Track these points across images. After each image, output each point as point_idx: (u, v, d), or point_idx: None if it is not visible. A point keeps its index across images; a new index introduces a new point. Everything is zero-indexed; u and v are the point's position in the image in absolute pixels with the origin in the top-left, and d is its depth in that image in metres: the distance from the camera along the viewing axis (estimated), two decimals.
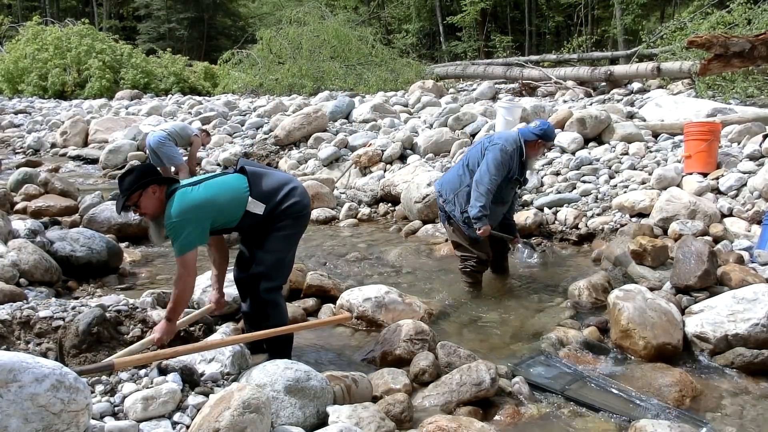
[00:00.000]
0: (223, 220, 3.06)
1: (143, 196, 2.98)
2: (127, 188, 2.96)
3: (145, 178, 2.97)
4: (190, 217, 2.89)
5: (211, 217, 2.97)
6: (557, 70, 14.98)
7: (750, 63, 7.46)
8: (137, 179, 2.96)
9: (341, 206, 7.54)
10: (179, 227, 2.87)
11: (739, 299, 3.61)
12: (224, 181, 3.16)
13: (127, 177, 3.00)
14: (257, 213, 3.09)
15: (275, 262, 3.19)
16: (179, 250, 2.89)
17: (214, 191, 3.05)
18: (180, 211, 2.89)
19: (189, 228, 2.89)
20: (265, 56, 18.81)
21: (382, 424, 2.56)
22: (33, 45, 21.66)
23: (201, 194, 3.00)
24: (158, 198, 2.99)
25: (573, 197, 6.67)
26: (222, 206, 3.02)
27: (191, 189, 3.02)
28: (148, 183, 2.97)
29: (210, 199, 2.99)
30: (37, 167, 9.08)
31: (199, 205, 2.95)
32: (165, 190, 3.02)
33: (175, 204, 2.92)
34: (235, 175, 3.20)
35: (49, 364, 2.03)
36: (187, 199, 2.95)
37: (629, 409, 3.00)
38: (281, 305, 3.30)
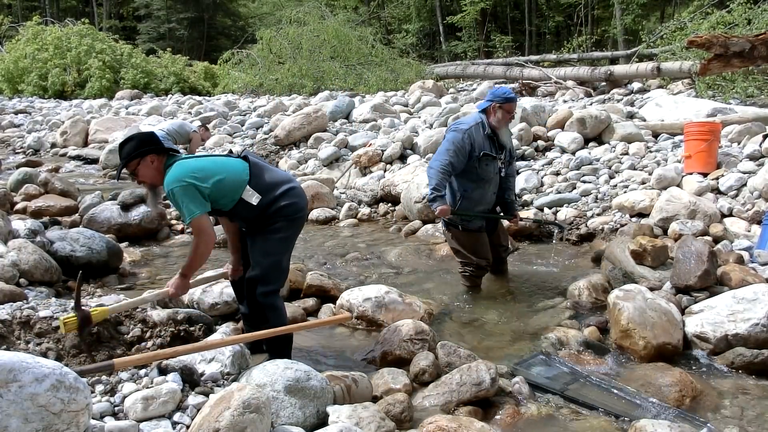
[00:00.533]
0: (218, 197, 3.04)
1: (141, 165, 3.02)
2: (125, 155, 3.01)
3: (144, 147, 3.01)
4: (188, 183, 2.91)
5: (209, 188, 2.97)
6: (557, 70, 14.99)
7: (750, 63, 7.45)
8: (136, 147, 3.00)
9: (341, 206, 7.54)
10: (179, 193, 2.90)
11: (739, 299, 3.60)
12: (226, 160, 3.19)
13: (127, 144, 3.04)
14: (251, 203, 3.08)
15: (271, 266, 3.18)
16: (188, 214, 2.92)
17: (213, 164, 3.09)
18: (178, 177, 2.92)
19: (189, 193, 2.91)
20: (265, 56, 18.82)
21: (382, 424, 2.56)
22: (33, 45, 21.68)
23: (200, 163, 3.05)
24: (156, 168, 3.03)
25: (573, 197, 6.67)
26: (220, 182, 3.02)
27: (191, 160, 3.08)
28: (146, 152, 3.01)
29: (208, 169, 3.02)
30: (37, 167, 9.08)
31: (198, 171, 2.97)
32: (164, 161, 3.05)
33: (173, 171, 2.95)
34: (238, 160, 3.21)
35: (49, 364, 2.03)
36: (185, 166, 2.99)
37: (629, 409, 3.00)
38: (279, 308, 3.29)
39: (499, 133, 4.40)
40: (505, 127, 4.41)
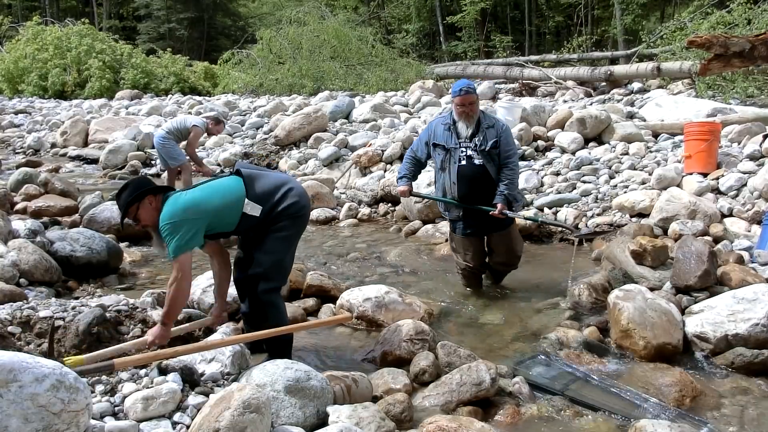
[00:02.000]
0: (220, 223, 3.06)
1: (141, 209, 3.02)
2: (124, 203, 3.01)
3: (140, 190, 3.00)
4: (183, 218, 2.90)
5: (205, 219, 2.97)
6: (557, 70, 14.99)
7: (750, 63, 7.44)
8: (132, 192, 3.00)
9: (341, 206, 7.54)
10: (172, 229, 2.88)
11: (739, 299, 3.60)
12: (219, 184, 3.18)
13: (123, 193, 3.04)
14: (254, 215, 3.09)
15: (273, 263, 3.19)
16: (173, 251, 2.88)
17: (208, 193, 3.07)
18: (172, 213, 2.91)
19: (183, 229, 2.88)
20: (265, 56, 18.82)
21: (382, 424, 2.56)
22: (33, 45, 21.67)
23: (194, 196, 3.03)
24: (155, 208, 3.01)
25: (573, 197, 6.67)
26: (217, 209, 3.02)
27: (184, 193, 3.06)
28: (143, 195, 3.00)
29: (204, 201, 3.01)
30: (37, 167, 9.08)
31: (192, 206, 2.96)
32: (161, 199, 3.03)
33: (168, 207, 2.94)
34: (232, 177, 3.21)
35: (49, 364, 2.03)
36: (180, 201, 2.97)
37: (629, 409, 3.00)
38: (280, 306, 3.30)
39: (457, 124, 4.46)
40: (463, 119, 4.41)
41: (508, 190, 4.41)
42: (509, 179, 4.41)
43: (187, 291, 3.01)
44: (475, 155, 4.41)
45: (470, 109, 4.39)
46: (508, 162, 4.41)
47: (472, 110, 4.40)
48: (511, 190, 4.43)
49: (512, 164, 4.43)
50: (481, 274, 4.76)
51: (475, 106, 4.44)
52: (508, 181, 4.41)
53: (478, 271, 4.71)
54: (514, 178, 4.48)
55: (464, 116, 4.41)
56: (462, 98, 4.37)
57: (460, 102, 4.38)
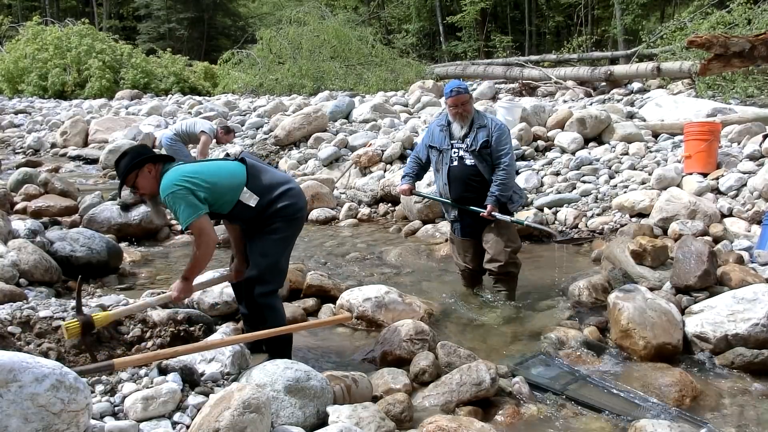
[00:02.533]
0: (216, 200, 3.04)
1: (140, 176, 3.03)
2: (123, 170, 3.02)
3: (139, 158, 3.02)
4: (184, 186, 2.92)
5: (204, 190, 2.97)
6: (557, 70, 14.99)
7: (750, 63, 7.44)
8: (132, 159, 3.01)
9: (341, 206, 7.55)
10: (176, 197, 2.90)
11: (739, 299, 3.60)
12: (222, 164, 3.21)
13: (123, 159, 3.05)
14: (250, 205, 3.09)
15: (269, 266, 3.18)
16: (186, 218, 2.91)
17: (209, 168, 3.11)
18: (173, 181, 2.93)
19: (186, 197, 2.91)
20: (265, 56, 18.82)
21: (382, 424, 2.56)
22: (33, 45, 21.66)
23: (195, 168, 3.07)
24: (154, 176, 3.03)
25: (573, 197, 6.67)
26: (215, 184, 3.03)
27: (186, 165, 3.09)
28: (143, 162, 3.02)
29: (203, 173, 3.03)
30: (37, 167, 9.07)
31: (192, 175, 2.98)
32: (160, 169, 3.05)
33: (168, 177, 2.96)
34: (235, 162, 3.22)
35: (49, 364, 2.03)
36: (179, 171, 3.00)
37: (629, 409, 3.00)
38: (277, 308, 3.29)
39: (451, 125, 4.45)
40: (457, 120, 4.38)
41: (500, 191, 4.34)
42: (500, 180, 4.34)
43: (212, 248, 3.03)
44: (467, 156, 4.39)
45: (463, 110, 4.37)
46: (499, 162, 4.34)
47: (465, 110, 4.37)
48: (503, 192, 4.35)
49: (504, 165, 4.33)
50: (481, 276, 4.73)
51: (469, 106, 4.41)
52: (499, 182, 4.34)
53: (477, 272, 4.69)
54: (507, 180, 4.37)
55: (458, 117, 4.39)
56: (454, 99, 4.35)
57: (452, 103, 4.37)
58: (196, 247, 3.00)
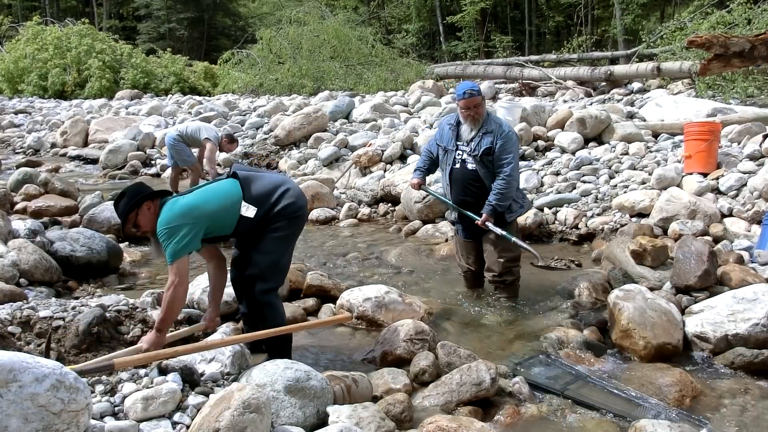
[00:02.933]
0: (217, 226, 3.05)
1: (140, 215, 3.00)
2: (123, 211, 3.00)
3: (137, 197, 2.99)
4: (180, 223, 2.89)
5: (203, 223, 2.96)
6: (557, 70, 14.99)
7: (750, 63, 7.45)
8: (130, 200, 2.99)
9: (341, 206, 7.54)
10: (170, 233, 2.87)
11: (739, 299, 3.60)
12: (216, 187, 3.17)
13: (121, 200, 3.03)
14: (249, 216, 3.08)
15: (270, 264, 3.19)
16: (171, 256, 2.87)
17: (204, 197, 3.06)
18: (170, 217, 2.90)
19: (180, 233, 2.87)
20: (265, 56, 18.82)
21: (382, 424, 2.56)
22: (33, 45, 21.68)
23: (191, 200, 3.02)
24: (153, 213, 3.00)
25: (573, 197, 6.67)
26: (214, 212, 3.02)
27: (182, 197, 3.05)
28: (141, 201, 2.99)
29: (200, 205, 3.00)
30: (37, 167, 9.08)
31: (189, 210, 2.95)
32: (158, 203, 3.02)
33: (165, 212, 2.93)
34: (228, 180, 3.20)
35: (49, 364, 2.03)
36: (177, 206, 2.96)
37: (629, 409, 3.00)
38: (277, 306, 3.29)
39: (461, 126, 4.36)
40: (468, 122, 4.28)
41: (497, 201, 4.22)
42: (498, 190, 4.21)
43: (183, 297, 2.98)
44: (470, 160, 4.30)
45: (475, 112, 4.25)
46: (500, 171, 4.21)
47: (477, 113, 4.25)
48: (500, 201, 4.23)
49: (504, 174, 4.20)
50: (482, 277, 4.67)
51: (481, 109, 4.28)
52: (497, 192, 4.22)
53: (479, 274, 4.64)
54: (506, 190, 4.22)
55: (469, 119, 4.28)
56: (466, 101, 4.23)
57: (464, 105, 4.24)
58: (167, 289, 2.89)
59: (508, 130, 4.31)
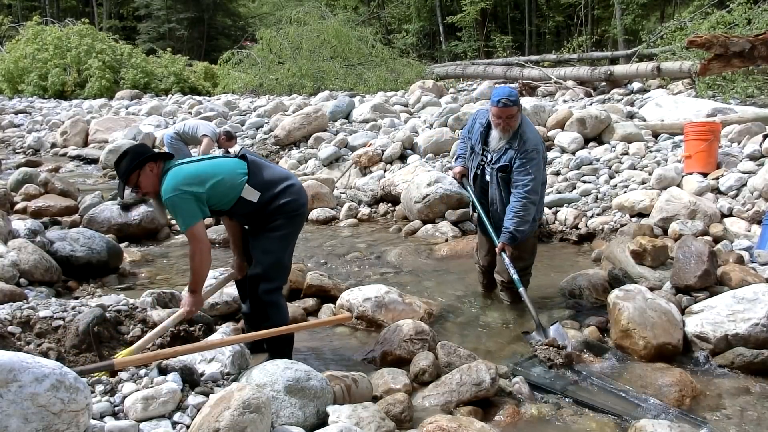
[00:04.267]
0: (217, 199, 3.05)
1: (142, 176, 3.02)
2: (124, 171, 3.01)
3: (140, 157, 3.01)
4: (186, 189, 2.92)
5: (206, 191, 2.98)
6: (557, 70, 14.99)
7: (750, 63, 7.45)
8: (132, 160, 3.00)
9: (341, 206, 7.54)
10: (177, 201, 2.91)
11: (739, 299, 3.60)
12: (222, 161, 3.20)
13: (123, 160, 3.04)
14: (251, 200, 3.09)
15: (273, 263, 3.19)
16: (183, 224, 2.93)
17: (209, 167, 3.09)
18: (175, 184, 2.92)
19: (187, 200, 2.91)
20: (265, 56, 18.82)
21: (382, 424, 2.56)
22: (33, 45, 21.67)
23: (195, 167, 3.06)
24: (156, 174, 3.03)
25: (573, 197, 6.67)
26: (217, 184, 3.02)
27: (185, 165, 3.07)
28: (144, 161, 3.01)
29: (204, 172, 3.03)
30: (37, 167, 9.07)
31: (194, 176, 2.98)
32: (161, 166, 3.05)
33: (169, 179, 2.95)
34: (235, 159, 3.22)
35: (49, 364, 2.03)
36: (182, 173, 2.98)
37: (629, 409, 3.00)
38: (282, 306, 3.30)
39: (491, 131, 4.09)
40: (497, 130, 3.99)
41: (515, 226, 3.91)
42: (514, 213, 3.90)
43: (208, 257, 3.03)
44: (487, 170, 4.09)
45: (507, 123, 3.91)
46: (515, 192, 3.90)
47: (509, 125, 3.92)
48: (519, 226, 3.91)
49: (520, 195, 3.88)
50: (493, 277, 4.52)
51: (514, 121, 3.93)
52: (513, 215, 3.90)
53: (489, 271, 4.53)
54: (522, 212, 3.90)
55: (500, 128, 3.97)
56: (499, 110, 3.88)
57: (496, 114, 3.91)
58: (191, 255, 3.00)
59: (532, 147, 3.94)
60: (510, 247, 4.00)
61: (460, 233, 6.36)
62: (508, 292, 4.37)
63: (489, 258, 4.47)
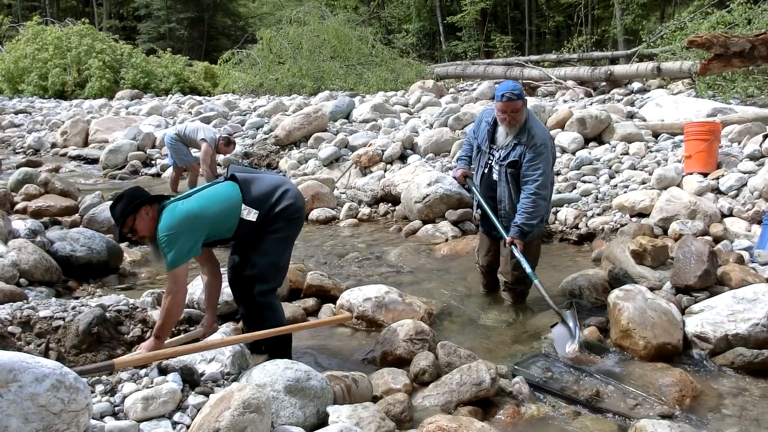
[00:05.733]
0: (218, 231, 3.05)
1: (137, 220, 2.97)
2: (119, 216, 2.95)
3: (135, 201, 2.96)
4: (180, 230, 2.88)
5: (203, 229, 2.96)
6: (557, 70, 14.99)
7: (750, 63, 7.46)
8: (127, 204, 2.95)
9: (341, 206, 7.54)
10: (170, 240, 2.86)
11: (739, 299, 3.60)
12: (215, 191, 3.14)
13: (118, 204, 2.98)
14: (251, 220, 3.08)
15: (269, 265, 3.19)
16: (170, 263, 2.87)
17: (204, 202, 3.04)
18: (170, 224, 2.89)
19: (180, 240, 2.87)
20: (265, 56, 18.82)
21: (382, 424, 2.56)
22: (33, 45, 21.66)
23: (191, 206, 2.99)
24: (152, 218, 2.97)
25: (573, 197, 6.67)
26: (214, 216, 3.00)
27: (181, 203, 3.02)
28: (139, 205, 2.96)
29: (201, 211, 2.98)
30: (37, 167, 9.08)
31: (189, 216, 2.93)
32: (156, 208, 3.00)
33: (165, 219, 2.91)
34: (226, 183, 3.18)
35: (49, 364, 2.03)
36: (177, 212, 2.93)
37: (629, 409, 3.00)
38: (277, 308, 3.29)
39: (498, 128, 4.08)
40: (504, 126, 3.99)
41: (524, 221, 3.89)
42: (524, 209, 3.89)
43: (182, 304, 2.99)
44: (495, 168, 4.06)
45: (512, 118, 3.90)
46: (525, 188, 3.90)
47: (515, 119, 3.91)
48: (528, 221, 3.90)
49: (529, 192, 3.87)
50: (494, 278, 4.51)
51: (519, 115, 3.92)
52: (522, 211, 3.89)
53: (489, 272, 4.52)
54: (533, 208, 3.89)
55: (505, 123, 3.96)
56: (504, 104, 3.87)
57: (501, 108, 3.90)
58: (165, 296, 2.92)
59: (540, 142, 3.93)
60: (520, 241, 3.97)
61: (460, 233, 6.36)
62: (511, 292, 4.37)
63: (489, 258, 4.46)
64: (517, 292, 4.36)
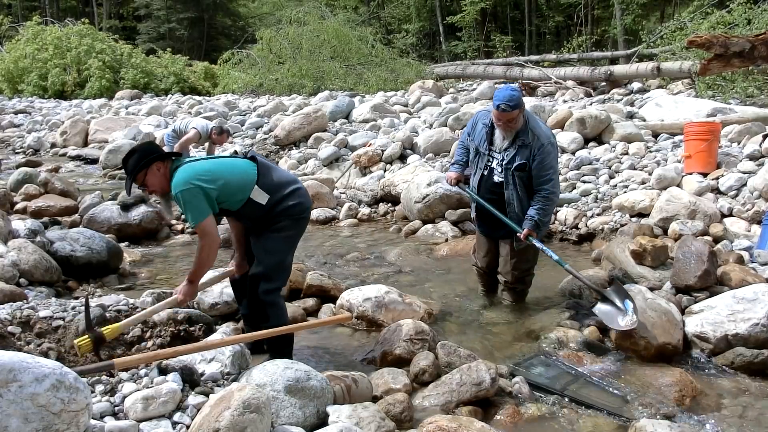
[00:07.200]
0: (226, 198, 3.06)
1: (148, 174, 3.04)
2: (131, 169, 3.03)
3: (148, 156, 3.02)
4: (196, 185, 2.93)
5: (217, 188, 2.99)
6: (557, 70, 15.00)
7: (750, 63, 7.47)
8: (140, 159, 3.02)
9: (341, 206, 7.54)
10: (187, 196, 2.92)
11: (739, 299, 3.60)
12: (233, 161, 3.23)
13: (131, 158, 3.05)
14: (260, 203, 3.10)
15: (276, 264, 3.20)
16: (193, 219, 2.95)
17: (220, 166, 3.12)
18: (186, 179, 2.94)
19: (197, 195, 2.93)
20: (265, 56, 18.83)
21: (382, 424, 2.56)
22: (33, 45, 21.68)
23: (207, 165, 3.08)
24: (163, 174, 3.04)
25: (573, 197, 6.67)
26: (227, 182, 3.04)
27: (197, 163, 3.10)
28: (151, 161, 3.02)
29: (215, 171, 3.05)
30: (37, 167, 9.07)
31: (204, 173, 3.00)
32: (169, 166, 3.06)
33: (180, 174, 2.97)
34: (246, 160, 3.23)
35: (49, 364, 2.03)
36: (193, 169, 3.00)
37: (629, 409, 3.00)
38: (281, 306, 3.30)
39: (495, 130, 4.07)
40: (501, 130, 3.99)
41: (540, 216, 3.94)
42: (541, 205, 3.95)
43: (215, 251, 3.06)
44: (498, 171, 4.05)
45: (507, 126, 3.95)
46: (541, 189, 3.95)
47: (509, 126, 3.95)
48: (542, 217, 3.96)
49: (545, 192, 3.94)
50: (493, 279, 4.50)
51: (515, 123, 3.94)
52: (539, 207, 3.95)
53: (488, 273, 4.50)
54: (548, 206, 3.99)
55: (501, 128, 4.00)
56: (499, 114, 3.90)
57: (497, 117, 3.94)
58: (199, 249, 3.02)
59: (546, 142, 3.96)
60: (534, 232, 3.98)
61: (460, 233, 6.36)
62: (511, 292, 4.37)
63: (488, 259, 4.44)
64: (517, 291, 4.37)
